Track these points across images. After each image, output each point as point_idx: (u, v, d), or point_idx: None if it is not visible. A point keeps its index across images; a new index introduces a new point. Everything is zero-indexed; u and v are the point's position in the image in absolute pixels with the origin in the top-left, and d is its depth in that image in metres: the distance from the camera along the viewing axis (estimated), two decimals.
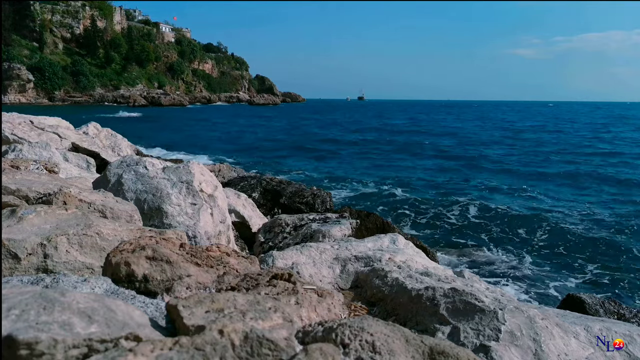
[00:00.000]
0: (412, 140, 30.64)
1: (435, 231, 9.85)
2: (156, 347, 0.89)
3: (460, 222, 10.59)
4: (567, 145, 28.62)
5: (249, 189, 6.99)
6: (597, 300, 4.27)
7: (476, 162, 21.09)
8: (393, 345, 1.06)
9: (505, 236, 9.56)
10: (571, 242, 9.31)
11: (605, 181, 16.32)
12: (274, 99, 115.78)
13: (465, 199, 12.81)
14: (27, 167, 3.34)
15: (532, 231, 10.02)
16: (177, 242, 1.76)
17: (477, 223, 10.56)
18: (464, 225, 10.33)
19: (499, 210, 11.71)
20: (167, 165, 3.59)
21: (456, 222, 10.58)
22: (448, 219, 10.82)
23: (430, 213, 11.41)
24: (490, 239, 9.30)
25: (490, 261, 8.19)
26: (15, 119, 6.26)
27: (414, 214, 11.45)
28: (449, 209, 11.83)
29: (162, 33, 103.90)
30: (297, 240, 4.02)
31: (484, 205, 12.03)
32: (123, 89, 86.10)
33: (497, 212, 11.48)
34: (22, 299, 0.96)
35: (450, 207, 12.02)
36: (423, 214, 11.41)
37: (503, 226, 10.33)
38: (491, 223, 10.58)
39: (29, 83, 71.52)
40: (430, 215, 11.22)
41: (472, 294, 1.98)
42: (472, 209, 11.73)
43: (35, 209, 1.98)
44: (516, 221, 10.73)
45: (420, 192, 13.96)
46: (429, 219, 10.78)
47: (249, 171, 11.83)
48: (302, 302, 1.38)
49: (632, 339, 2.04)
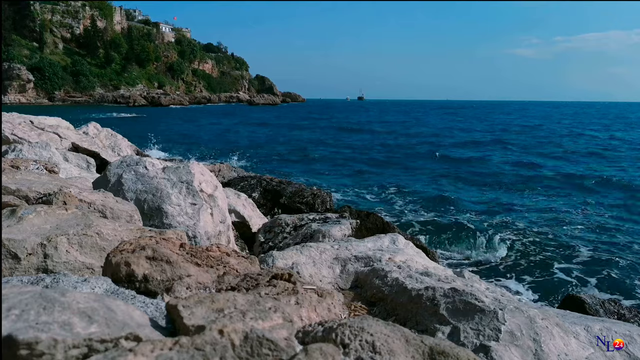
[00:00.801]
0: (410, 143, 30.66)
1: (435, 231, 9.84)
2: (156, 347, 0.89)
3: (460, 222, 10.59)
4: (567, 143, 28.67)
5: (249, 189, 6.99)
6: (597, 300, 4.28)
7: (479, 162, 21.09)
8: (393, 345, 1.06)
9: (505, 236, 9.56)
10: (571, 242, 9.32)
11: (608, 181, 16.33)
12: (274, 99, 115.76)
13: (466, 199, 12.82)
14: (27, 167, 3.34)
15: (532, 231, 10.02)
16: (177, 242, 1.76)
17: (477, 223, 10.56)
18: (464, 225, 10.32)
19: (499, 210, 11.72)
20: (167, 165, 3.59)
21: (456, 222, 10.58)
22: (448, 219, 10.82)
23: (430, 213, 11.42)
24: (491, 239, 9.29)
25: (490, 261, 8.19)
26: (15, 119, 6.26)
27: (414, 214, 11.46)
28: (449, 209, 11.84)
29: (162, 33, 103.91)
30: (297, 240, 4.02)
31: (485, 206, 12.04)
32: (123, 89, 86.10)
33: (498, 212, 11.49)
34: (22, 299, 0.96)
35: (450, 207, 12.03)
36: (423, 214, 11.41)
37: (503, 226, 10.34)
38: (492, 223, 10.59)
39: (29, 83, 71.51)
40: (430, 215, 11.22)
41: (472, 294, 1.98)
42: (473, 209, 11.74)
43: (35, 209, 1.98)
44: (516, 221, 10.74)
45: (420, 192, 13.97)
46: (429, 219, 10.78)
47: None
48: (302, 302, 1.38)
49: (632, 339, 2.04)
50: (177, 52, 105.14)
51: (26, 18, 77.05)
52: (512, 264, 8.06)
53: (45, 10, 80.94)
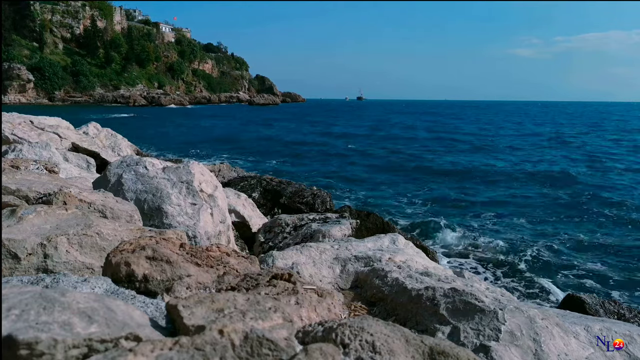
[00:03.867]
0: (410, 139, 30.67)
1: (435, 231, 9.85)
2: (156, 347, 0.89)
3: (460, 222, 10.60)
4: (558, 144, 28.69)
5: (249, 189, 6.99)
6: (597, 300, 4.28)
7: (480, 164, 21.09)
8: (393, 345, 1.06)
9: (505, 236, 9.56)
10: (572, 242, 9.32)
11: None
12: (274, 99, 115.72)
13: (466, 200, 12.82)
14: (27, 167, 3.34)
15: (533, 231, 10.02)
16: (177, 242, 1.76)
17: (478, 223, 10.56)
18: (464, 225, 10.33)
19: (500, 210, 11.72)
20: (167, 165, 3.59)
21: (457, 222, 10.58)
22: (449, 220, 10.83)
23: (431, 213, 11.42)
24: (491, 239, 9.29)
25: (490, 261, 8.19)
26: (15, 119, 6.26)
27: (414, 214, 11.46)
28: (450, 209, 11.84)
29: (162, 33, 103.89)
30: (297, 240, 4.03)
31: (485, 206, 12.04)
32: (123, 89, 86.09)
33: (498, 212, 11.49)
34: (22, 299, 0.96)
35: (451, 207, 12.03)
36: (424, 214, 11.41)
37: (504, 227, 10.34)
38: (492, 223, 10.59)
39: (29, 83, 71.49)
40: (431, 215, 11.23)
41: (472, 294, 1.98)
42: (473, 210, 11.74)
43: (35, 209, 1.98)
44: (517, 222, 10.74)
45: (421, 193, 13.96)
46: (430, 220, 10.79)
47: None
48: (302, 302, 1.38)
49: (632, 339, 2.04)
50: (177, 52, 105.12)
51: (26, 18, 77.02)
52: (513, 264, 8.06)
53: (45, 10, 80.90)
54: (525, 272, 7.76)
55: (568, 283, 7.40)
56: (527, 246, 8.96)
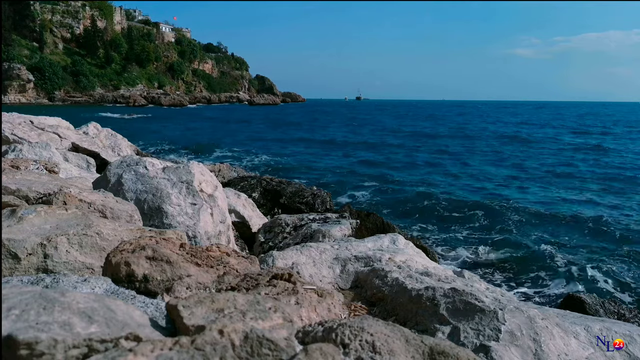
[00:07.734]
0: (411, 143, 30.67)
1: (435, 231, 9.84)
2: (156, 347, 0.89)
3: (461, 222, 10.59)
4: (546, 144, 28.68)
5: (249, 189, 6.99)
6: (597, 300, 4.28)
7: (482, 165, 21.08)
8: (393, 345, 1.06)
9: (505, 237, 9.55)
10: (572, 242, 9.32)
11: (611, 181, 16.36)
12: (274, 99, 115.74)
13: (466, 200, 12.82)
14: (27, 167, 3.34)
15: (533, 231, 10.02)
16: (177, 242, 1.76)
17: (478, 224, 10.56)
18: (464, 225, 10.32)
19: (500, 210, 11.71)
20: (167, 165, 3.59)
21: (457, 222, 10.58)
22: (449, 220, 10.82)
23: (431, 213, 11.41)
24: (491, 239, 9.29)
25: (490, 261, 8.19)
26: (15, 119, 6.27)
27: (414, 214, 11.45)
28: (450, 209, 11.82)
29: (162, 33, 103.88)
30: (297, 240, 4.03)
31: (486, 206, 12.03)
32: (123, 89, 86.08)
33: (499, 213, 11.48)
34: (22, 299, 0.96)
35: (451, 207, 12.02)
36: (424, 214, 11.41)
37: (504, 227, 10.33)
38: (492, 224, 10.58)
39: (29, 83, 71.48)
40: (431, 215, 11.22)
41: (472, 294, 1.98)
42: (473, 210, 11.73)
43: (35, 209, 1.98)
44: (517, 222, 10.73)
45: (421, 193, 13.96)
46: (430, 220, 10.78)
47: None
48: (302, 302, 1.38)
49: (632, 339, 2.04)
50: (177, 52, 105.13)
51: (26, 18, 77.01)
52: (513, 264, 8.05)
53: (45, 10, 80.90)
54: (526, 272, 7.75)
55: (568, 283, 7.39)
56: (527, 246, 8.96)
